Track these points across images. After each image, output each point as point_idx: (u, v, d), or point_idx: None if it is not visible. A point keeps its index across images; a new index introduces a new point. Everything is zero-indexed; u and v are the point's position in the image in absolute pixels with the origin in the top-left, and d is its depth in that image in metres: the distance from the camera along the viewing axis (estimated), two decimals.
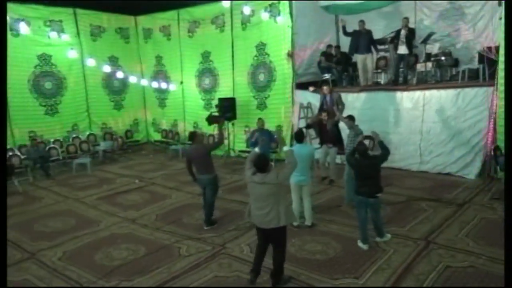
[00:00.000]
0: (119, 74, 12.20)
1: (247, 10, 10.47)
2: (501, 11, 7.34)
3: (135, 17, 13.42)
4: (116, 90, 13.27)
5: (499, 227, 5.62)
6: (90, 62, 11.49)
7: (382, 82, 10.14)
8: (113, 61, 13.10)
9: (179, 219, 6.63)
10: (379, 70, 10.39)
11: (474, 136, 7.91)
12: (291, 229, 5.90)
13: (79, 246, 5.79)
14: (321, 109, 8.29)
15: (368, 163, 5.04)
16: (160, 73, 13.43)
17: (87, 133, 12.23)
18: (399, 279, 4.49)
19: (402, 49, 8.94)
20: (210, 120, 6.25)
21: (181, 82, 12.86)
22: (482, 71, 8.10)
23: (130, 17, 13.33)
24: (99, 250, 5.61)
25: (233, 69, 11.56)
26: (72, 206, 7.69)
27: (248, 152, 9.66)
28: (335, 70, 10.56)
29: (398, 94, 8.87)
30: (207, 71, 12.25)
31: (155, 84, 12.61)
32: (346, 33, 9.84)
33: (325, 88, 8.27)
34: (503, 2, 7.17)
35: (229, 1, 10.73)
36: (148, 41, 13.50)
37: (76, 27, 11.94)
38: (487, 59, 7.87)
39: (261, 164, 4.35)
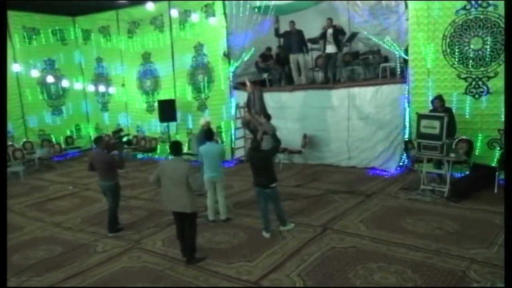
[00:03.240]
0: (54, 79, 12.75)
1: (174, 12, 11.41)
2: (407, 13, 8.55)
3: (73, 18, 14.16)
4: (54, 95, 13.98)
5: (394, 213, 6.80)
6: (15, 68, 11.88)
7: (320, 80, 11.27)
8: (50, 64, 13.82)
9: (103, 221, 7.43)
10: (317, 69, 11.54)
11: (393, 131, 9.10)
12: (206, 223, 6.92)
13: None
14: (248, 107, 9.33)
15: (259, 156, 6.06)
16: (101, 76, 14.23)
17: (23, 140, 12.88)
18: (286, 260, 5.52)
19: (330, 48, 10.08)
20: (109, 147, 6.82)
21: (123, 85, 13.68)
22: (400, 69, 9.33)
23: (67, 18, 14.05)
24: (17, 252, 6.42)
25: (173, 70, 12.51)
26: None
27: (191, 154, 10.65)
28: (273, 70, 11.67)
29: (327, 92, 10.00)
30: (148, 72, 13.13)
31: (92, 88, 13.36)
32: (277, 35, 10.94)
33: (247, 85, 9.31)
34: (409, 3, 8.43)
35: (165, 1, 11.69)
36: (88, 43, 14.26)
37: (7, 29, 12.58)
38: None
39: (174, 146, 5.48)
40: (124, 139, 7.37)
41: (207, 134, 7.01)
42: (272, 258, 5.62)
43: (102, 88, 13.71)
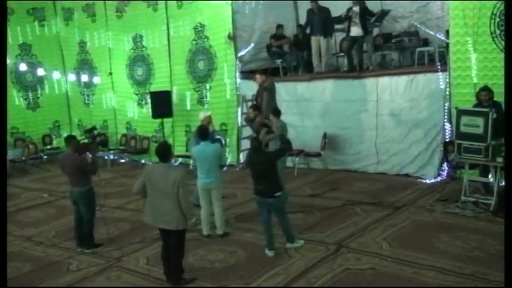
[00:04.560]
0: (29, 66, 13.22)
1: None
2: None
3: None
4: (29, 85, 14.46)
5: (426, 230, 6.89)
6: None
7: (345, 68, 11.38)
8: (25, 49, 14.32)
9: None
10: (341, 54, 11.65)
11: (431, 130, 9.18)
12: (200, 239, 7.14)
13: None
14: (256, 102, 9.50)
15: (260, 159, 6.24)
16: (84, 63, 14.65)
17: None
18: (290, 283, 5.68)
19: (355, 31, 10.21)
20: (80, 148, 7.02)
21: (110, 73, 14.04)
22: (440, 55, 9.40)
23: None
24: None
25: (169, 56, 12.79)
26: None
27: (189, 157, 10.90)
28: (288, 55, 11.85)
29: (352, 82, 10.14)
30: (140, 59, 13.48)
31: (73, 77, 13.78)
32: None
33: (257, 76, 9.48)
34: None
35: None
36: (69, 24, 14.71)
37: None
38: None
39: (161, 151, 5.56)
40: (98, 139, 7.64)
41: (201, 132, 7.22)
42: (273, 280, 5.80)
43: (82, 78, 14.10)
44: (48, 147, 14.56)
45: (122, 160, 13.57)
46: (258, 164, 6.23)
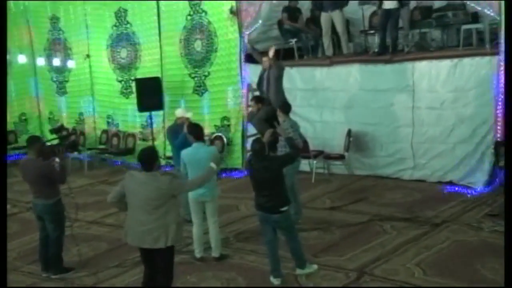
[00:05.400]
0: None
1: None
2: None
3: None
4: None
5: (470, 253, 6.87)
6: None
7: (376, 49, 11.28)
8: None
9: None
10: (372, 31, 11.60)
11: (480, 128, 9.12)
12: (192, 262, 7.20)
13: None
14: (259, 89, 9.45)
15: (263, 166, 6.23)
16: (56, 43, 14.83)
17: None
18: None
19: (388, 3, 10.16)
20: (45, 152, 7.01)
21: (88, 56, 14.19)
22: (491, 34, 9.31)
23: None
24: None
25: (159, 34, 12.91)
26: None
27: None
28: (304, 33, 11.83)
29: (383, 68, 10.13)
30: (123, 38, 13.64)
31: (41, 61, 13.92)
32: None
33: (264, 59, 9.42)
34: None
35: None
36: None
37: None
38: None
39: (144, 158, 5.56)
40: (68, 140, 7.67)
41: (192, 131, 7.23)
42: None
43: (58, 61, 14.24)
44: (13, 146, 14.71)
45: (102, 162, 13.73)
46: (260, 171, 6.23)
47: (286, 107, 8.32)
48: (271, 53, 9.32)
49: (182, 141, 7.95)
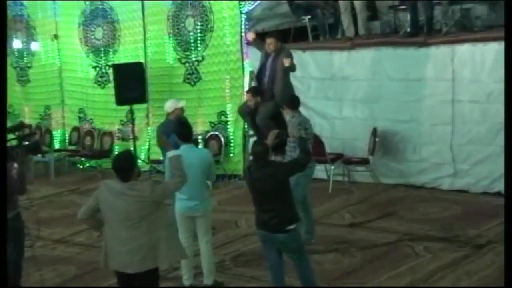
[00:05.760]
0: None
1: None
2: None
3: None
4: None
5: None
6: None
7: (407, 29, 11.21)
8: None
9: None
10: (403, 7, 11.52)
11: None
12: None
13: None
14: (258, 79, 9.32)
15: (265, 174, 6.13)
16: (17, 21, 14.83)
17: None
18: None
19: None
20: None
21: (55, 37, 14.22)
22: None
23: None
24: None
25: (142, 10, 12.89)
26: None
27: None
28: (320, 10, 11.82)
29: (416, 52, 10.06)
30: (99, 15, 13.67)
31: None
32: None
33: (268, 41, 9.17)
34: None
35: None
36: None
37: None
38: None
39: (119, 166, 5.53)
40: (28, 141, 7.60)
41: (178, 130, 7.18)
42: None
43: (19, 43, 14.28)
44: None
45: (73, 167, 13.77)
46: (261, 180, 6.11)
47: (294, 101, 8.21)
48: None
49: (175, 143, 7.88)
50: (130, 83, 12.17)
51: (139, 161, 12.67)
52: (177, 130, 7.31)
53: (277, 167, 6.24)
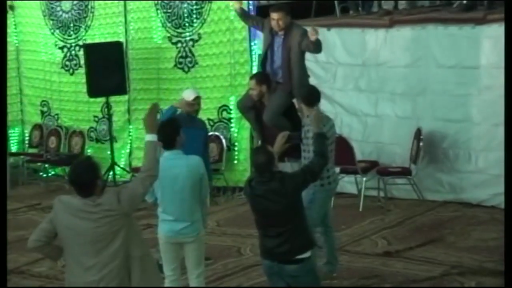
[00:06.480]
0: None
1: None
2: None
3: None
4: None
5: None
6: None
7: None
8: None
9: None
10: None
11: None
12: None
13: None
14: (262, 66, 9.33)
15: (267, 191, 6.24)
16: None
17: None
18: None
19: None
20: None
21: (10, 8, 14.39)
22: None
23: None
24: None
25: None
26: None
27: None
28: None
29: (469, 32, 10.22)
30: None
31: None
32: None
33: (275, 16, 8.94)
34: None
35: None
36: None
37: None
38: None
39: (78, 179, 5.62)
40: None
41: (167, 133, 7.20)
42: None
43: None
44: None
45: (33, 176, 14.00)
46: (265, 198, 6.25)
47: (311, 96, 7.99)
48: (279, 13, 8.73)
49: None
50: (107, 68, 12.39)
51: (117, 169, 12.86)
52: (160, 133, 7.37)
53: (284, 181, 6.22)
